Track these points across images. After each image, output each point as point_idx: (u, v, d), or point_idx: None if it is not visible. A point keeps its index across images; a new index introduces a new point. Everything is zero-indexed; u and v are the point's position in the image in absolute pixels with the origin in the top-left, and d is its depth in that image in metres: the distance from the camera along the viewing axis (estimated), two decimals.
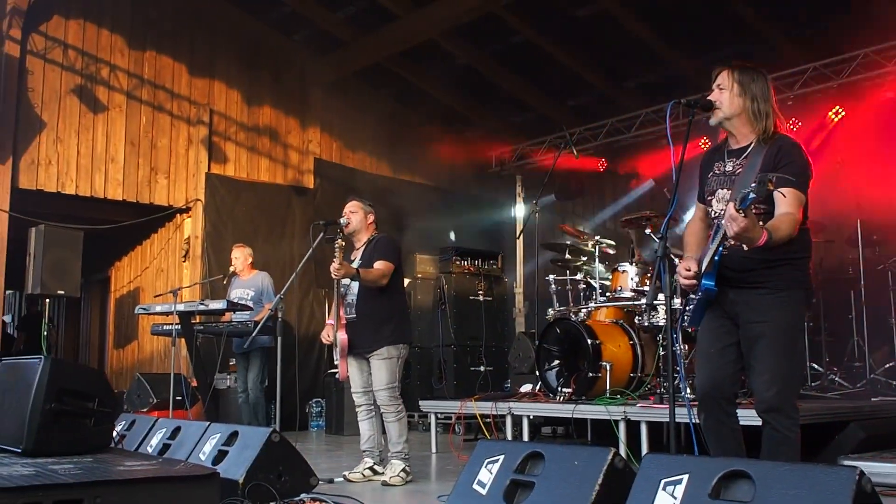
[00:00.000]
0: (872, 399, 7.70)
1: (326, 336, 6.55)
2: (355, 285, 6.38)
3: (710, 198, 4.29)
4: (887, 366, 8.40)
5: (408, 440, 6.39)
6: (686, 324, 4.36)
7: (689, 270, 4.10)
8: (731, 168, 4.20)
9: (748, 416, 4.36)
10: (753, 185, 3.51)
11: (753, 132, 4.16)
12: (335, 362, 6.52)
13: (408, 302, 7.19)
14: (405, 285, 7.33)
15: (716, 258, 3.95)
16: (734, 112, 4.18)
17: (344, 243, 6.25)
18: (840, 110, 9.89)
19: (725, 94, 4.18)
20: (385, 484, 6.16)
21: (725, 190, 4.17)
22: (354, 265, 6.45)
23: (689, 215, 4.65)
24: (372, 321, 6.34)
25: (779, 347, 3.97)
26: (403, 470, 6.25)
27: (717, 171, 4.28)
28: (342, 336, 6.32)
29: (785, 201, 3.85)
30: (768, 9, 9.94)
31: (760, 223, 3.69)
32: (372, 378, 6.37)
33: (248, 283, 9.33)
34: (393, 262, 6.40)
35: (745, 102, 4.14)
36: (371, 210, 6.67)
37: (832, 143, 9.59)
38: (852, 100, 9.86)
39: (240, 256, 9.44)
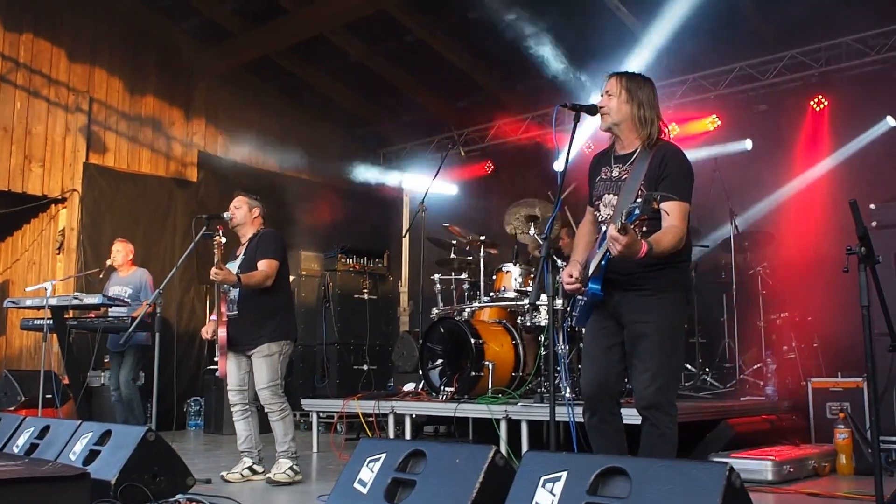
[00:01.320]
0: (742, 399, 8.06)
1: (206, 332, 6.43)
2: None
3: (597, 202, 4.36)
4: (755, 367, 8.69)
5: (294, 438, 6.27)
6: (574, 324, 4.43)
7: (572, 277, 4.21)
8: (617, 174, 4.27)
9: (629, 415, 4.42)
10: (639, 201, 3.62)
11: (638, 138, 4.24)
12: (216, 359, 6.40)
13: (292, 297, 7.06)
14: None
15: (602, 263, 4.02)
16: (622, 118, 4.25)
17: (223, 241, 6.08)
18: (716, 119, 10.26)
19: (614, 100, 4.25)
20: (270, 481, 6.08)
21: (612, 195, 4.24)
22: (238, 261, 6.35)
23: None
24: (254, 318, 6.22)
25: (660, 346, 4.06)
26: (291, 468, 6.15)
27: (604, 176, 4.34)
28: (222, 333, 6.19)
29: (672, 213, 3.94)
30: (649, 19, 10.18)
31: (640, 237, 3.74)
32: (252, 376, 6.26)
33: (127, 279, 9.08)
34: (277, 258, 6.29)
35: (631, 109, 4.22)
36: (257, 204, 6.54)
37: (707, 151, 9.86)
38: (727, 110, 10.26)
39: (121, 251, 9.18)
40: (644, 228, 3.83)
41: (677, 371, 4.63)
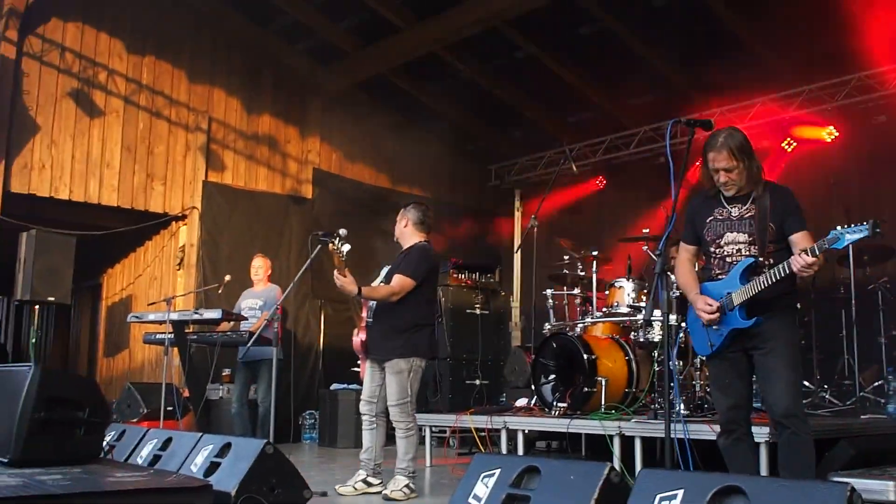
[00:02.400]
0: (862, 417, 7.74)
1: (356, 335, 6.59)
2: None
3: (717, 240, 4.63)
4: (876, 384, 8.42)
5: (414, 458, 6.28)
6: (708, 353, 4.72)
7: (711, 306, 4.51)
8: (737, 213, 4.58)
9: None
10: (853, 227, 4.11)
11: (750, 183, 4.56)
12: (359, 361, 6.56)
13: (435, 313, 6.92)
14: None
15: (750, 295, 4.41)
16: (746, 180, 4.56)
17: (340, 248, 5.89)
18: (834, 131, 10.03)
19: (735, 173, 4.52)
20: (386, 498, 6.08)
21: (737, 233, 4.55)
22: (384, 271, 6.46)
23: None
24: (386, 329, 6.25)
25: (789, 361, 4.44)
26: (407, 486, 6.14)
27: (719, 217, 4.63)
28: (359, 338, 6.31)
29: (804, 240, 4.48)
30: (763, 28, 9.98)
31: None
32: (384, 389, 6.31)
33: (260, 293, 9.33)
34: (413, 277, 6.23)
35: (749, 170, 4.53)
36: (408, 212, 6.57)
37: (825, 162, 9.60)
38: (846, 121, 9.98)
39: (262, 265, 9.47)
40: (771, 260, 4.44)
41: (802, 383, 5.05)
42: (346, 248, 5.93)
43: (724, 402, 4.63)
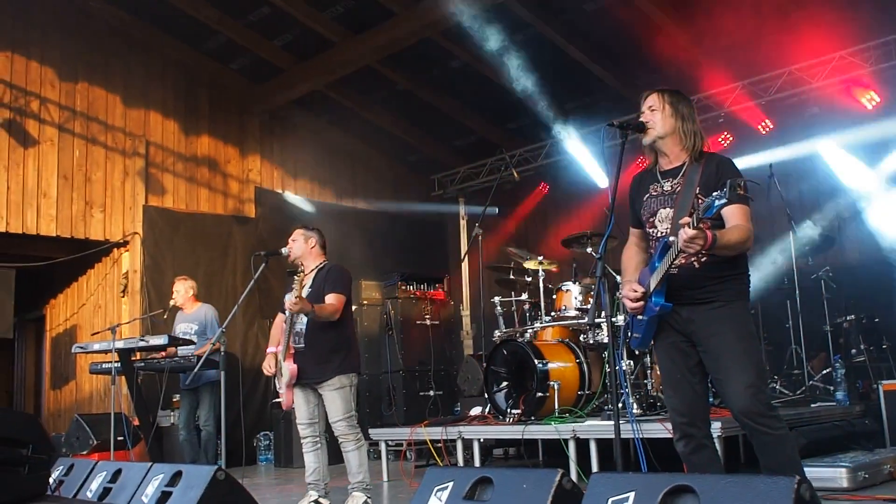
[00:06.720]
0: (812, 405, 7.88)
1: (268, 367, 6.36)
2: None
3: (651, 219, 4.31)
4: (824, 372, 8.57)
5: (367, 469, 6.21)
6: (636, 346, 4.38)
7: (636, 292, 4.16)
8: (669, 187, 4.24)
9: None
10: (718, 192, 3.60)
11: (684, 151, 4.26)
12: (277, 391, 6.40)
13: (356, 329, 6.96)
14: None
15: (664, 276, 3.99)
16: (667, 132, 4.26)
17: (305, 276, 6.07)
18: (769, 124, 10.18)
19: (658, 114, 4.27)
20: None
21: (668, 209, 4.20)
22: (304, 293, 6.33)
23: None
24: (321, 351, 6.17)
25: (747, 354, 4.04)
26: (365, 502, 6.09)
27: (653, 193, 4.32)
28: (292, 366, 6.15)
29: (735, 216, 3.99)
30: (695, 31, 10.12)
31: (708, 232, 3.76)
32: (326, 410, 6.21)
33: (192, 316, 9.17)
34: (345, 294, 6.25)
35: (676, 122, 4.25)
36: (312, 234, 6.49)
37: (763, 156, 9.72)
38: (778, 115, 10.17)
39: (181, 290, 9.27)
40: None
41: (765, 375, 4.61)
42: (304, 276, 6.06)
43: (676, 401, 4.21)
